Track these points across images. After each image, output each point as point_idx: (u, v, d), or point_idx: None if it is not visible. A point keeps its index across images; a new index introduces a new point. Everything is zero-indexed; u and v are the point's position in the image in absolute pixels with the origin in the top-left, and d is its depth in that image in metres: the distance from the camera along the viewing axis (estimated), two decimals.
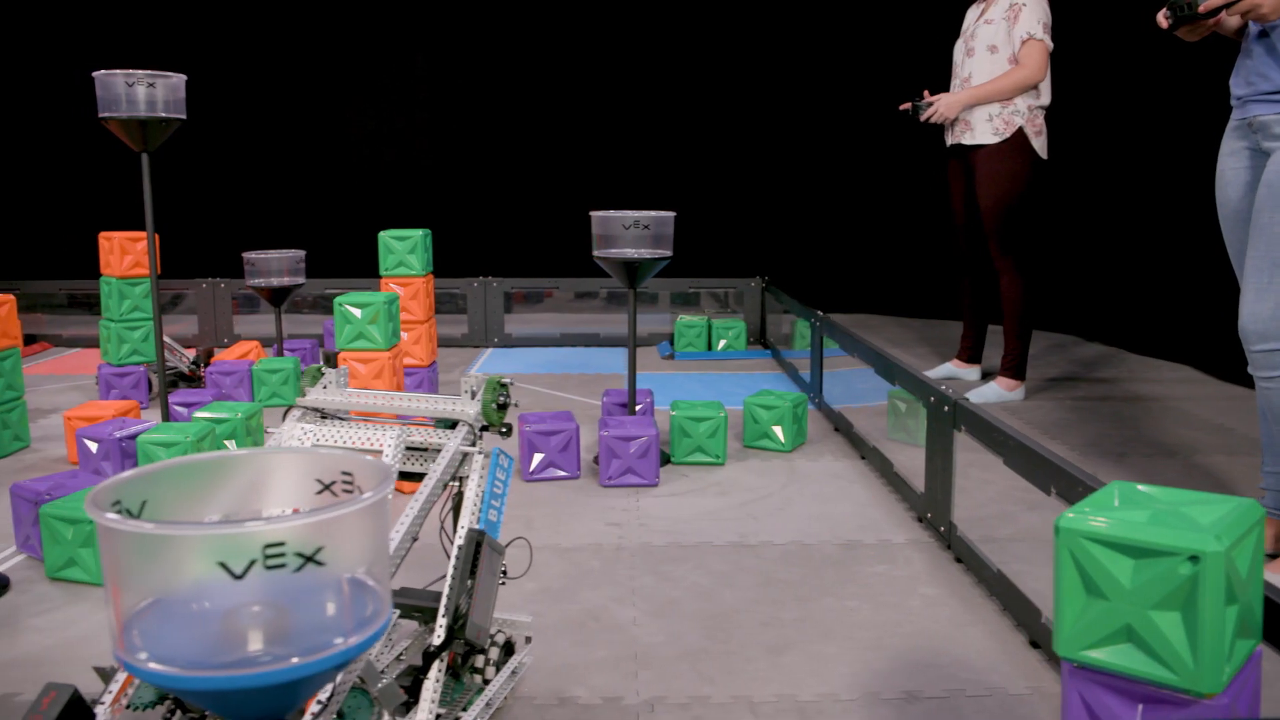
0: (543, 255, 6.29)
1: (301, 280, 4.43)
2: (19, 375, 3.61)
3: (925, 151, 5.50)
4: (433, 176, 6.77)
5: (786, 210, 6.50)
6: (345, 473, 1.19)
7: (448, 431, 1.91)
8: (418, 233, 3.96)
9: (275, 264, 4.34)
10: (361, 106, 6.81)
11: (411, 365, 4.07)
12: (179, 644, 1.00)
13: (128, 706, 1.58)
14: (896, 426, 3.60)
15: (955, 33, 4.37)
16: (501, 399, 1.91)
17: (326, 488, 1.22)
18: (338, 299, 3.42)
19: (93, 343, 5.62)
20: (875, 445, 3.34)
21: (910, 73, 4.97)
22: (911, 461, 3.16)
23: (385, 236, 3.97)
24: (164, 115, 3.24)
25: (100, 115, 3.28)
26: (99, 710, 1.57)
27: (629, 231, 3.27)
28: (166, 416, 3.49)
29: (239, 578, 0.95)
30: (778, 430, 3.50)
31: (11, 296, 3.57)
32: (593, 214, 3.35)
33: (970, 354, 4.52)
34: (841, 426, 3.75)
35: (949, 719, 1.91)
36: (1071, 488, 2.00)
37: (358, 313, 3.38)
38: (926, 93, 4.22)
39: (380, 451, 1.83)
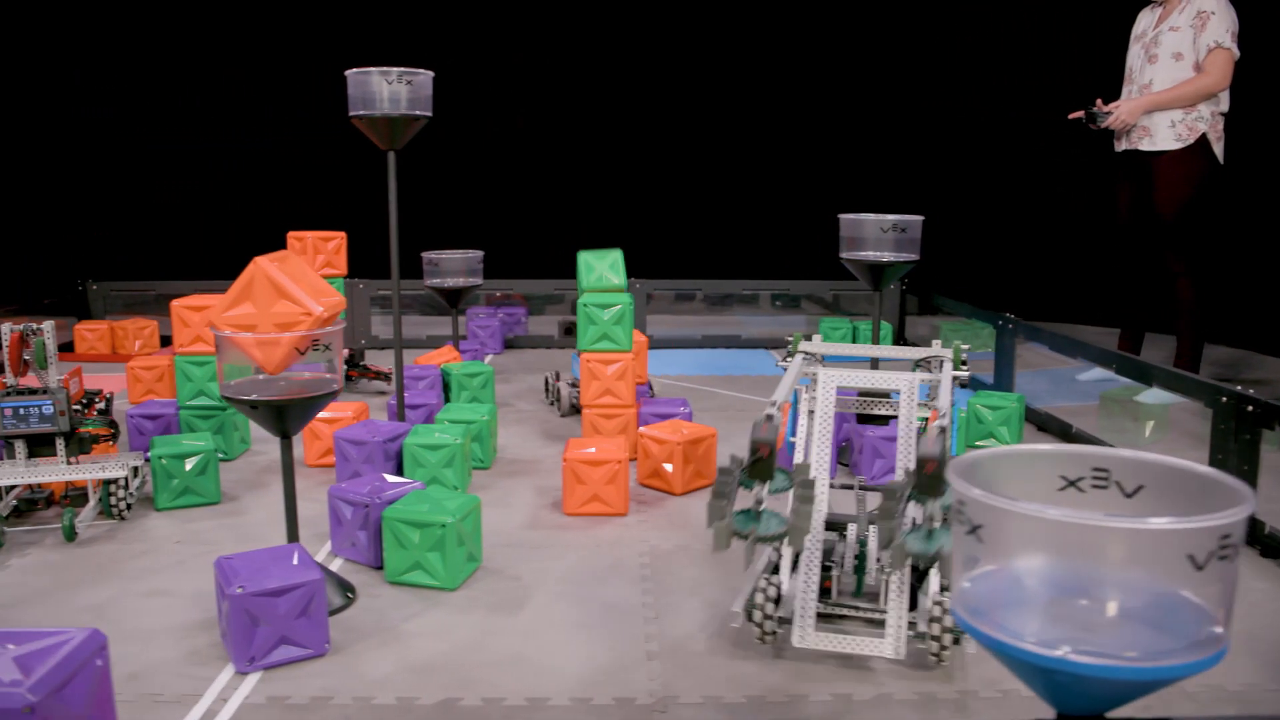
0: (672, 255, 6.32)
1: (479, 281, 4.40)
2: None
3: (1055, 157, 5.63)
4: (571, 177, 6.75)
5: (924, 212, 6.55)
6: (1099, 470, 1.22)
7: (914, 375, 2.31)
8: (614, 252, 3.82)
9: (455, 264, 4.31)
10: (489, 107, 6.78)
11: None
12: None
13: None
14: (1111, 426, 3.68)
15: (1113, 39, 4.47)
16: (964, 358, 2.34)
17: (1072, 484, 1.24)
18: (582, 299, 3.41)
19: None
20: (1116, 445, 3.40)
21: (1024, 80, 5.07)
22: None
23: (585, 257, 3.78)
24: (416, 113, 3.22)
25: (351, 114, 3.25)
26: None
27: (877, 234, 3.31)
28: (402, 416, 3.46)
29: (1200, 568, 0.97)
30: (1004, 430, 3.56)
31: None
32: (842, 216, 3.38)
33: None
34: (1048, 426, 3.81)
35: None
36: None
37: (603, 314, 3.38)
38: (1100, 101, 4.31)
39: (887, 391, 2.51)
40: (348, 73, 3.23)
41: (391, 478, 2.72)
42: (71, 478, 2.81)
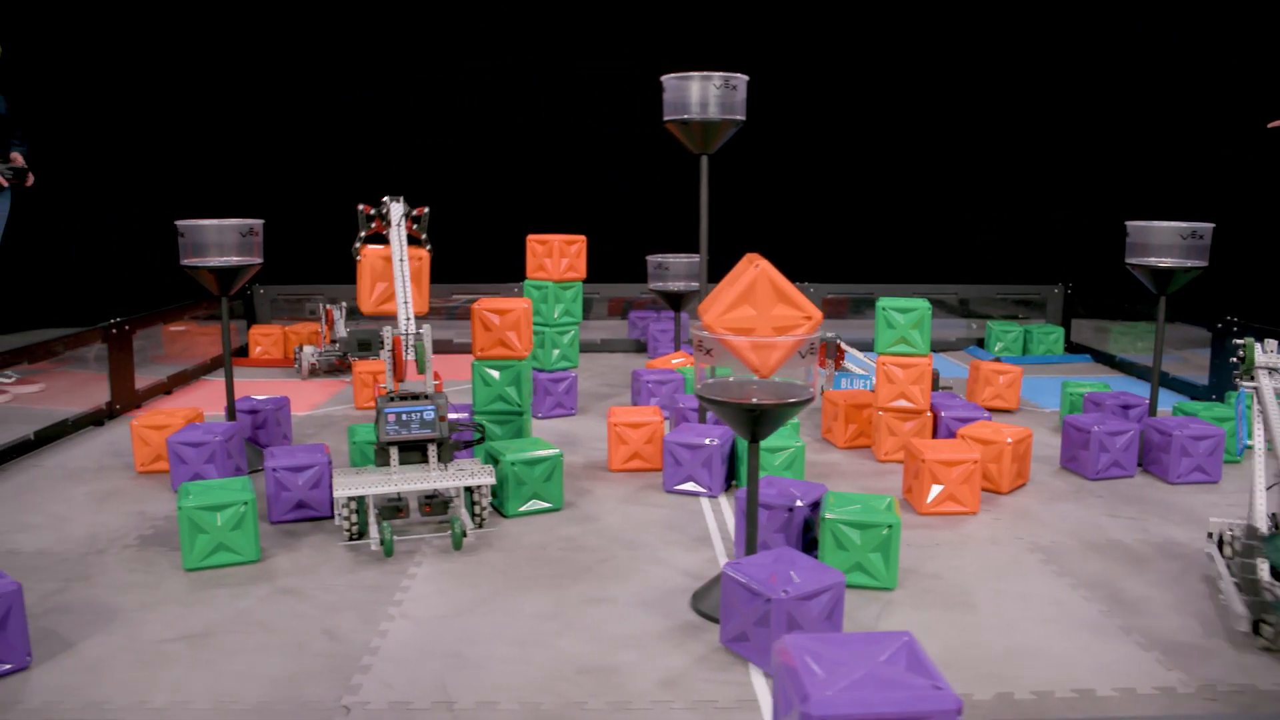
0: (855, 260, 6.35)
1: (697, 285, 4.41)
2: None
3: (1236, 163, 5.70)
4: (752, 180, 6.67)
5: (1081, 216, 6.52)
6: None
7: None
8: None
9: (680, 268, 4.32)
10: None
11: None
12: None
13: None
14: None
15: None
16: None
17: None
18: (880, 301, 3.45)
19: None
20: None
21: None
22: None
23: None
24: (733, 117, 3.23)
25: (666, 119, 3.25)
26: None
27: (1168, 240, 3.41)
28: (704, 418, 3.46)
29: None
30: None
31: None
32: (1129, 223, 3.48)
33: None
34: None
35: None
36: None
37: (901, 317, 3.42)
38: None
39: None
40: (664, 78, 3.23)
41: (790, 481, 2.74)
42: (445, 484, 2.76)
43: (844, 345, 4.25)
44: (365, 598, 2.44)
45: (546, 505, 2.99)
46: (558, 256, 3.99)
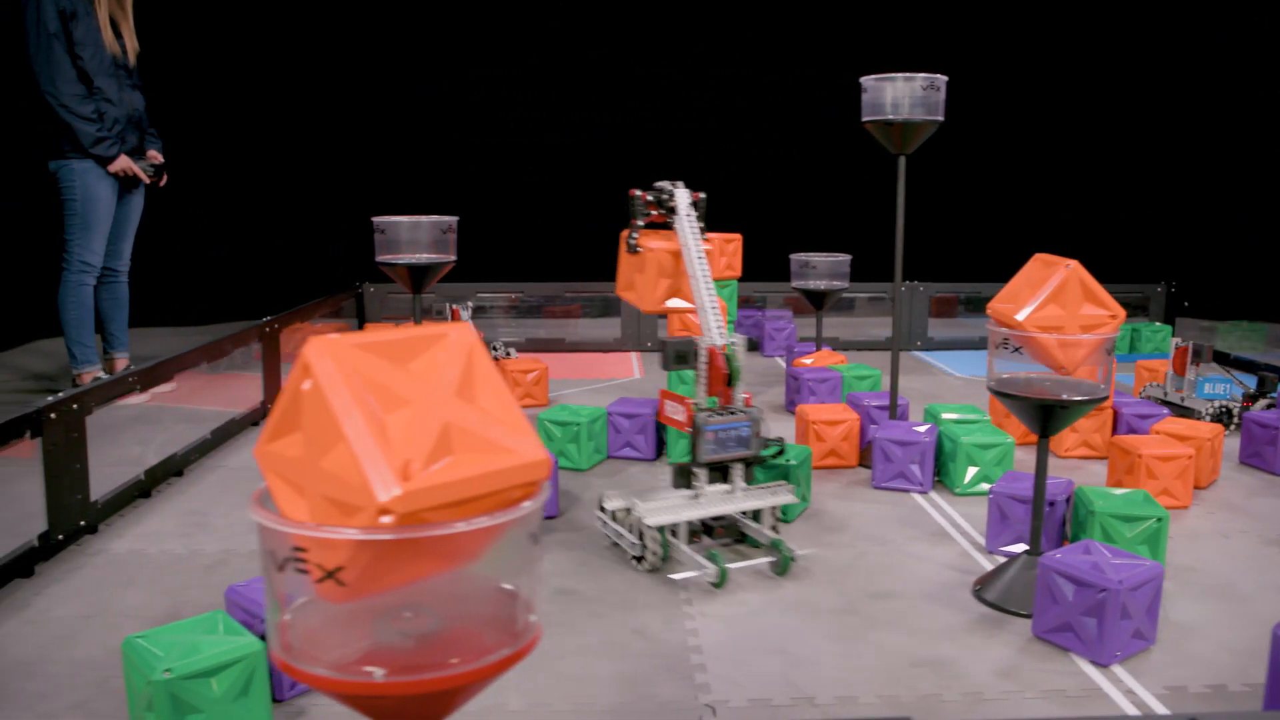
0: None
1: (845, 284, 4.45)
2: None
3: None
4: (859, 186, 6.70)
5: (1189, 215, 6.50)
6: None
7: None
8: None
9: (825, 267, 4.35)
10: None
11: None
12: None
13: None
14: None
15: None
16: None
17: None
18: None
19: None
20: None
21: None
22: None
23: None
24: (934, 118, 3.26)
25: (864, 120, 3.29)
26: None
27: None
28: (894, 414, 3.50)
29: None
30: None
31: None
32: None
33: None
34: None
35: None
36: None
37: None
38: None
39: None
40: (864, 79, 3.27)
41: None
42: (754, 505, 2.63)
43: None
44: (652, 598, 2.44)
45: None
46: (717, 255, 4.01)
